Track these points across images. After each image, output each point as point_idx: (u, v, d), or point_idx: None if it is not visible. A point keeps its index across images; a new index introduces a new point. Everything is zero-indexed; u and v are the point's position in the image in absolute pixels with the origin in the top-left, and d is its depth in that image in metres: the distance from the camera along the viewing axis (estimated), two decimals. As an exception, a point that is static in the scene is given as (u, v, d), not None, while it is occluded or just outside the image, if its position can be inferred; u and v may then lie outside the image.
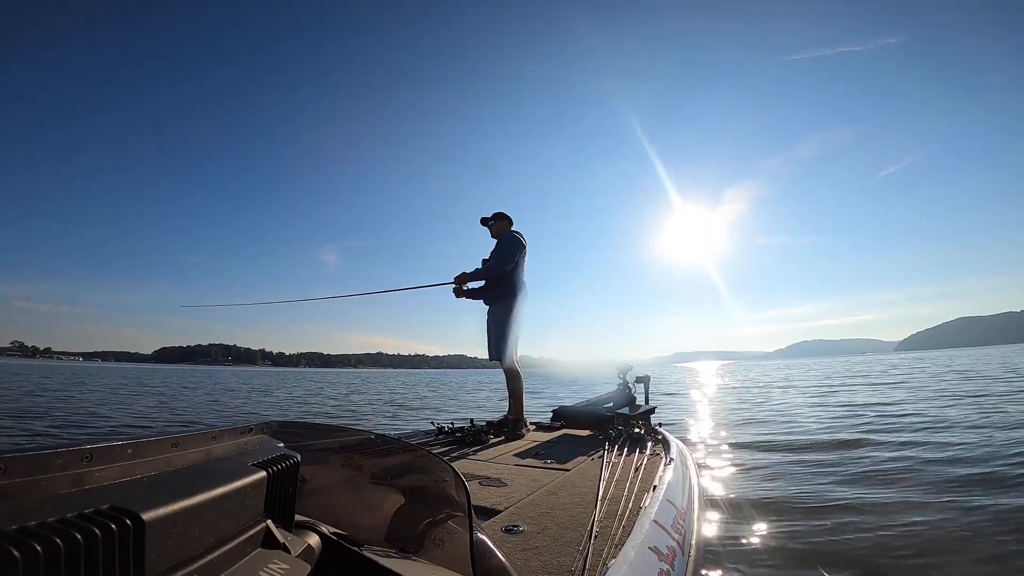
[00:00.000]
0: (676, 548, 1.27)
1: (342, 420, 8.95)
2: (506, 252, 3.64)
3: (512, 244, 3.67)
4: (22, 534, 0.35)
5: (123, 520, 0.39)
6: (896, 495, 3.12)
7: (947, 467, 3.73)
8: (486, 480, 2.00)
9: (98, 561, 0.37)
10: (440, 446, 2.88)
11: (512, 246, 3.66)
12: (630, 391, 4.09)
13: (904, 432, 5.40)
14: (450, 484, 0.84)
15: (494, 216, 3.89)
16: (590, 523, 1.35)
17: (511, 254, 3.63)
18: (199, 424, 8.20)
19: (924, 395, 9.66)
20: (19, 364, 62.68)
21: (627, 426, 3.09)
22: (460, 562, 0.75)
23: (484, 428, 3.37)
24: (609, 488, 1.72)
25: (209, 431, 0.76)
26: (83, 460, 0.52)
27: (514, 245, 3.66)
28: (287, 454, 0.70)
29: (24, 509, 0.37)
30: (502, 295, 3.67)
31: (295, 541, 0.64)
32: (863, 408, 7.96)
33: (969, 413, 6.60)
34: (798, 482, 3.55)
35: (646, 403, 3.99)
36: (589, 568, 1.08)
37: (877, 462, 4.02)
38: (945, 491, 3.16)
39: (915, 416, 6.60)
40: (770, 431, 6.05)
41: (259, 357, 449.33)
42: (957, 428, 5.48)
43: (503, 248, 3.68)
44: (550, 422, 3.83)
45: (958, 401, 8.16)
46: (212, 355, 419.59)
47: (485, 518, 1.50)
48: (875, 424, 6.13)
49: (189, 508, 0.46)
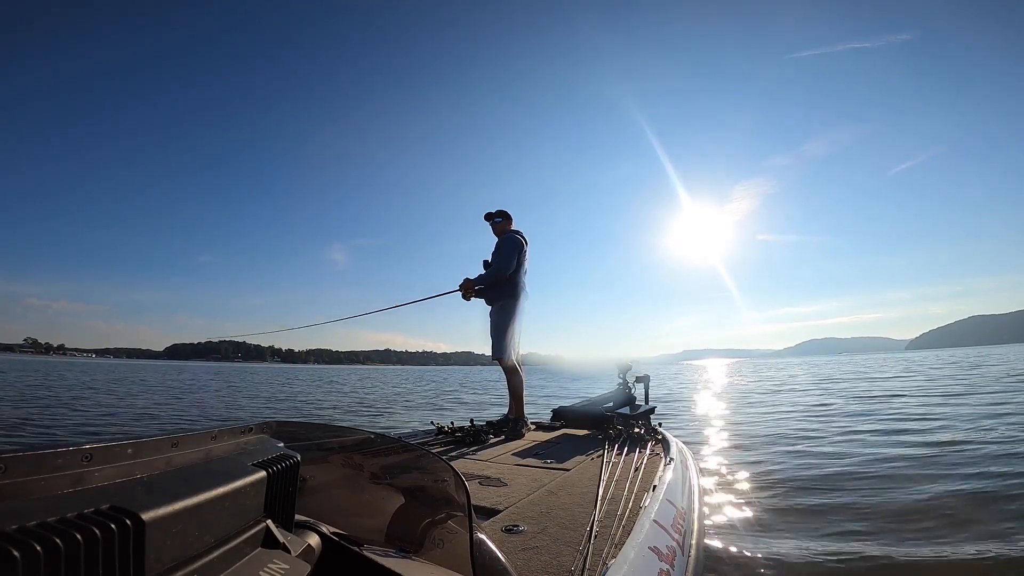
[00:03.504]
0: (676, 548, 1.27)
1: (342, 420, 8.95)
2: (504, 255, 3.67)
3: (510, 246, 3.69)
4: (22, 534, 0.35)
5: (123, 520, 0.39)
6: (902, 496, 3.07)
7: (956, 469, 3.66)
8: (486, 480, 2.00)
9: (98, 561, 0.37)
10: (440, 446, 2.88)
11: (510, 248, 3.67)
12: (630, 391, 4.09)
13: (910, 433, 5.33)
14: (450, 484, 0.84)
15: (498, 213, 3.91)
16: (590, 523, 1.35)
17: (509, 257, 3.65)
18: (200, 424, 8.20)
19: (932, 393, 9.56)
20: (34, 361, 62.77)
21: (627, 426, 3.09)
22: (460, 562, 0.75)
23: (484, 428, 3.38)
24: (609, 488, 1.72)
25: (209, 431, 0.76)
26: (83, 460, 0.52)
27: (512, 247, 3.68)
28: (287, 454, 0.71)
29: (24, 509, 0.37)
30: (499, 295, 3.71)
31: (295, 541, 0.64)
32: (866, 408, 7.94)
33: (980, 412, 6.48)
34: (799, 482, 3.55)
35: (646, 403, 3.98)
36: (589, 568, 1.08)
37: (880, 463, 4.00)
38: (955, 494, 3.06)
39: (921, 415, 6.58)
40: (771, 431, 6.05)
41: (268, 354, 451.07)
42: (970, 429, 5.30)
43: (502, 251, 3.70)
44: (550, 422, 3.83)
45: (967, 400, 8.01)
46: (222, 351, 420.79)
47: (485, 518, 1.50)
48: (881, 424, 6.11)
49: (189, 508, 0.46)
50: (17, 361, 52.31)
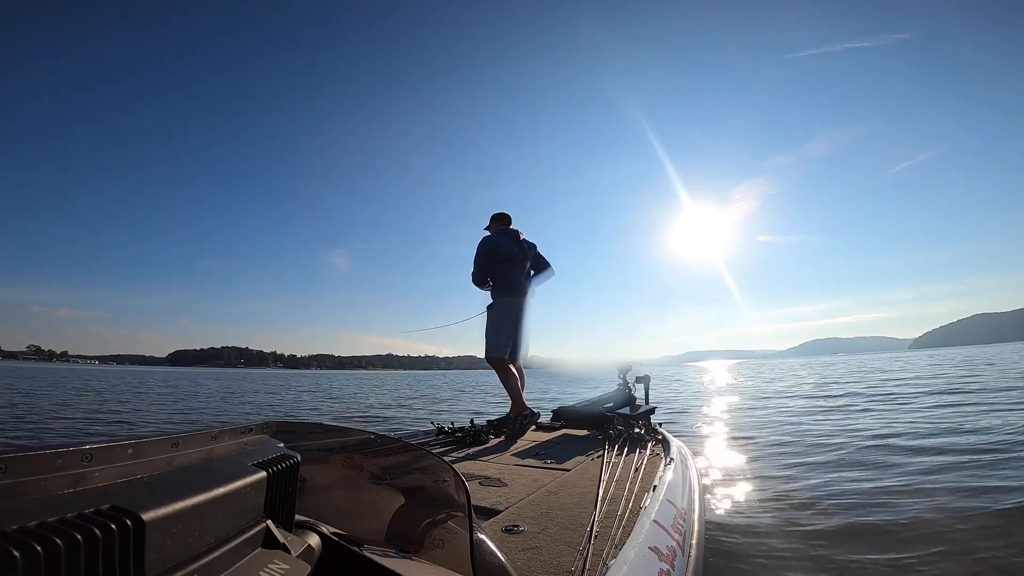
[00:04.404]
0: (676, 548, 1.27)
1: (343, 421, 8.94)
2: (474, 265, 3.75)
3: (477, 254, 3.75)
4: (22, 534, 0.35)
5: (123, 520, 0.39)
6: (904, 497, 3.06)
7: (961, 470, 3.61)
8: (486, 480, 2.00)
9: (98, 561, 0.37)
10: (440, 446, 2.87)
11: (476, 257, 3.75)
12: (630, 391, 4.08)
13: (916, 434, 5.25)
14: (450, 484, 0.84)
15: (493, 219, 3.95)
16: (590, 523, 1.34)
17: (474, 265, 3.74)
18: (202, 423, 8.20)
19: (937, 392, 9.48)
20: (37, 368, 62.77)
21: (627, 426, 3.09)
22: (460, 562, 0.75)
23: (484, 428, 3.37)
24: (609, 488, 1.72)
25: (209, 431, 0.76)
26: (83, 460, 0.52)
27: (477, 255, 3.75)
28: (287, 454, 0.70)
29: (24, 509, 0.37)
30: (494, 293, 3.78)
31: (295, 541, 0.64)
32: (869, 406, 7.93)
33: (990, 412, 6.37)
34: (800, 482, 3.55)
35: (646, 403, 3.98)
36: (589, 568, 1.08)
37: (883, 462, 4.01)
38: (960, 495, 3.02)
39: (924, 415, 6.58)
40: (772, 430, 6.05)
41: (271, 359, 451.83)
42: (977, 430, 5.12)
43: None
44: (550, 422, 3.83)
45: (973, 400, 7.86)
46: (225, 357, 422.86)
47: (485, 518, 1.50)
48: (884, 423, 6.10)
49: (189, 508, 0.46)
50: (23, 368, 52.26)
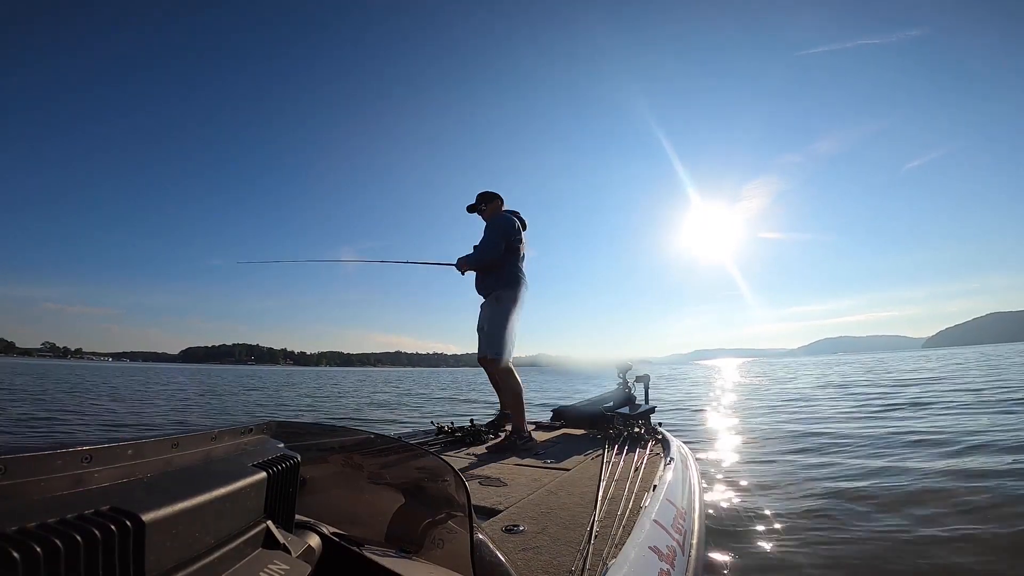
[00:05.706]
0: (676, 548, 1.27)
1: (343, 420, 8.95)
2: (487, 239, 3.20)
3: (497, 229, 3.18)
4: (22, 535, 0.35)
5: (123, 521, 0.39)
6: (906, 498, 3.04)
7: (966, 470, 3.56)
8: (486, 480, 2.00)
9: (98, 562, 0.37)
10: (440, 446, 2.88)
11: (496, 231, 3.17)
12: (630, 390, 4.09)
13: (920, 435, 5.18)
14: (450, 484, 0.84)
15: (480, 199, 3.43)
16: (590, 523, 1.34)
17: (490, 242, 3.17)
18: (203, 423, 8.20)
19: (942, 391, 9.42)
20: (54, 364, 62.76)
21: (627, 426, 3.09)
22: (460, 562, 0.75)
23: (484, 428, 3.37)
24: (609, 488, 1.72)
25: (209, 431, 0.76)
26: (83, 461, 0.52)
27: (497, 230, 3.18)
28: (287, 454, 0.71)
29: (24, 510, 0.37)
30: (493, 285, 3.21)
31: (295, 541, 0.64)
32: (874, 406, 7.92)
33: (996, 413, 6.28)
34: (801, 482, 3.55)
35: (646, 402, 3.98)
36: (589, 568, 1.08)
37: (884, 462, 4.00)
38: (963, 495, 2.99)
39: (928, 415, 6.57)
40: (773, 430, 6.05)
41: (281, 356, 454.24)
42: (982, 432, 5.01)
43: (488, 233, 3.22)
44: (550, 422, 3.83)
45: (979, 401, 7.70)
46: (236, 355, 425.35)
47: (485, 518, 1.50)
48: (887, 423, 6.10)
49: (189, 509, 0.46)
50: (36, 365, 52.19)
